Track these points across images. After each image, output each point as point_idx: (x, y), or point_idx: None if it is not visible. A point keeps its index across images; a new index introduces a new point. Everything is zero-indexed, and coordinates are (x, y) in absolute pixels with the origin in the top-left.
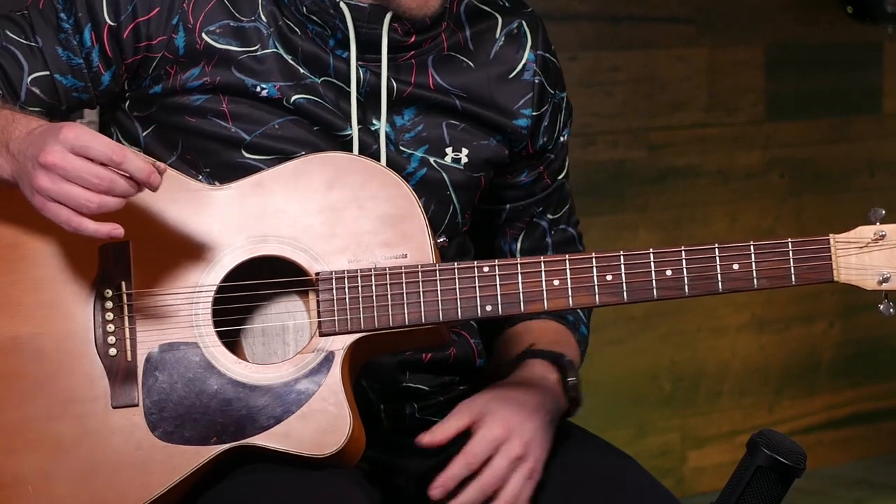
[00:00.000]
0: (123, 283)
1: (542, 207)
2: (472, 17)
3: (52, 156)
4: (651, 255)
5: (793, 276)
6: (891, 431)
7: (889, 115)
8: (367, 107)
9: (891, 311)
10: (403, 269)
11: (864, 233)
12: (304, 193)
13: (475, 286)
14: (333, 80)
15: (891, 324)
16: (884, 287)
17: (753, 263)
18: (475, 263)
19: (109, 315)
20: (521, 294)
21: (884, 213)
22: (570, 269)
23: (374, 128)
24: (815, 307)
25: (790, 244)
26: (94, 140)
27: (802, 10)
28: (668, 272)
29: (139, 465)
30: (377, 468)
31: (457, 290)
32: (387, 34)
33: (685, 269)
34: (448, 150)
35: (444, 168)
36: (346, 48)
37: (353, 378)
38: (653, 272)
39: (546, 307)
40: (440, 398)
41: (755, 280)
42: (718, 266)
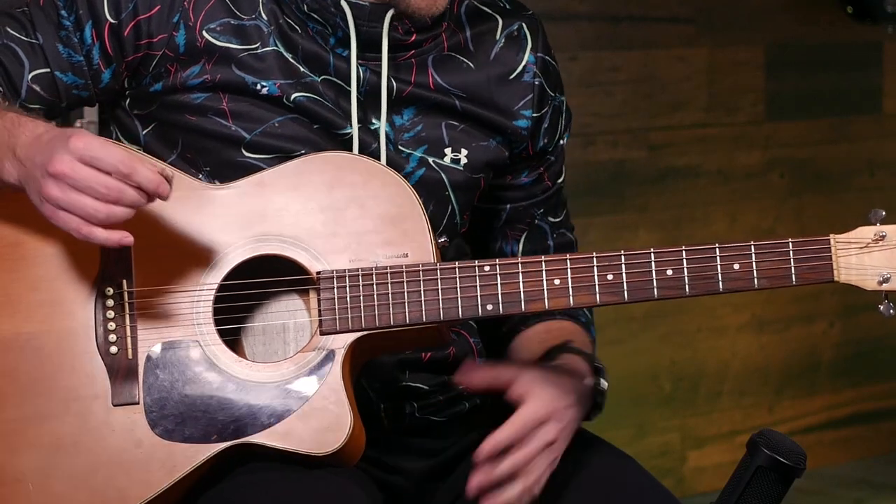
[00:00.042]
0: (125, 282)
1: (544, 210)
2: (473, 18)
3: (62, 165)
4: (652, 255)
5: (793, 276)
6: (891, 431)
7: (889, 115)
8: (367, 106)
9: (891, 312)
10: (404, 269)
11: (865, 233)
12: (306, 193)
13: (476, 285)
14: (333, 79)
15: (891, 324)
16: (884, 287)
17: (754, 263)
18: (476, 263)
19: (110, 313)
20: (522, 293)
21: (884, 215)
22: (571, 269)
23: (374, 127)
24: (815, 307)
25: (790, 244)
26: (103, 150)
27: (802, 10)
28: (669, 272)
29: (139, 463)
30: (377, 468)
31: (458, 290)
32: (387, 33)
33: (686, 269)
34: (447, 151)
35: (443, 168)
36: (347, 47)
37: (354, 377)
38: (653, 272)
39: (547, 306)
40: (440, 397)
41: (755, 280)
42: (719, 266)
